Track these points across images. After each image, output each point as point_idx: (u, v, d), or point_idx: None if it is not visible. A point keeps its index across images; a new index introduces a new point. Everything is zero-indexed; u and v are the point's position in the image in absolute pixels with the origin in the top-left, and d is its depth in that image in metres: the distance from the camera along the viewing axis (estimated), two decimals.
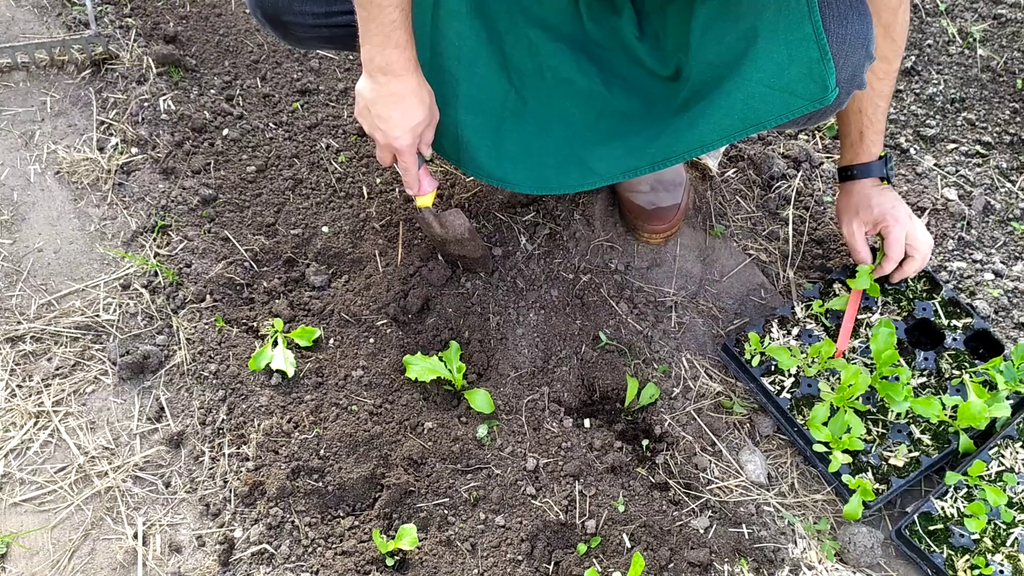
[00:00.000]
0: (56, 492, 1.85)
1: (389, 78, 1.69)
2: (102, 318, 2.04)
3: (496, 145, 1.89)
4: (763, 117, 1.69)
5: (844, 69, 1.64)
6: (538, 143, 1.90)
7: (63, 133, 2.33)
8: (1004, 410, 1.87)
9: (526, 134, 1.90)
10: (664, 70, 1.81)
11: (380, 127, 1.76)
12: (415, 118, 1.75)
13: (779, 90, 1.64)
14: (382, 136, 1.78)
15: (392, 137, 1.76)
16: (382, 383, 1.98)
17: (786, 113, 1.67)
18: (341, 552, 1.77)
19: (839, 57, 1.61)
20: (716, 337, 2.15)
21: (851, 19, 1.61)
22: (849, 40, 1.61)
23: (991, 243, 2.29)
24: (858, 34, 1.62)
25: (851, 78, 1.67)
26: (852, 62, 1.64)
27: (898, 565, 1.85)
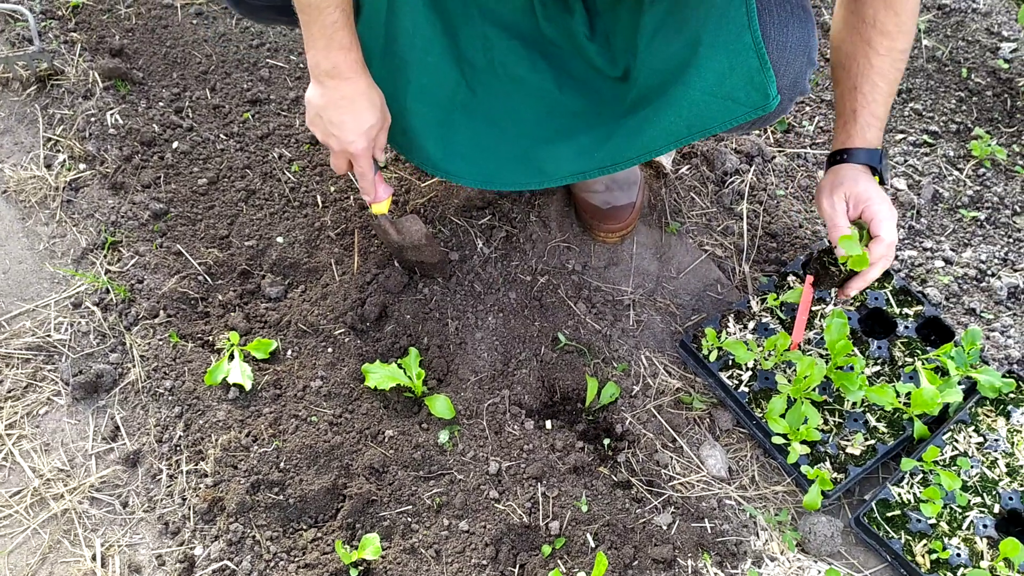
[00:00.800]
0: (11, 516, 1.82)
1: (337, 82, 1.68)
2: (53, 338, 2.01)
3: (444, 137, 1.87)
4: (708, 124, 1.71)
5: (785, 75, 1.64)
6: (487, 138, 1.89)
7: (9, 151, 2.30)
8: (956, 395, 1.90)
9: (475, 129, 1.88)
10: (613, 71, 1.82)
11: (333, 133, 1.73)
12: (367, 121, 1.73)
13: (722, 98, 1.65)
14: (336, 143, 1.75)
15: (346, 142, 1.74)
16: (341, 393, 1.96)
17: (729, 120, 1.69)
18: (304, 565, 1.76)
19: (780, 64, 1.61)
20: (674, 334, 2.16)
21: (791, 26, 1.61)
22: (790, 47, 1.61)
23: (940, 231, 2.33)
24: (799, 41, 1.62)
25: (793, 84, 1.67)
26: (794, 68, 1.65)
27: (858, 552, 1.87)
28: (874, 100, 1.77)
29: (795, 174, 2.43)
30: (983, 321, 2.16)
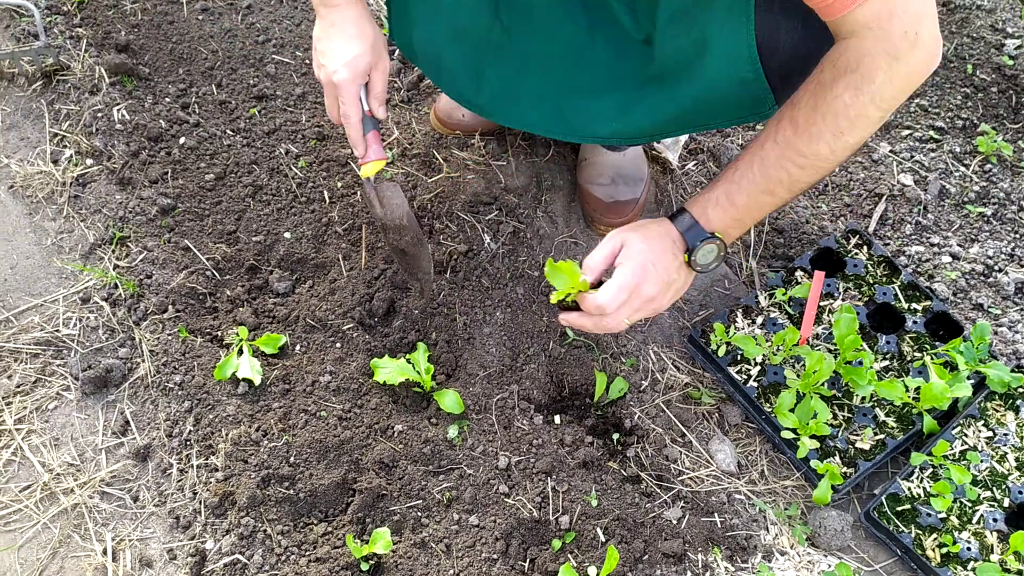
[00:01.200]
0: (22, 511, 1.81)
1: (329, 10, 1.68)
2: (62, 333, 2.01)
3: (477, 75, 1.86)
4: (708, 120, 1.71)
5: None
6: (518, 81, 1.87)
7: (15, 147, 2.29)
8: (965, 390, 1.91)
9: (507, 70, 1.86)
10: (637, 33, 1.79)
11: (322, 63, 1.70)
12: (352, 50, 1.67)
13: (721, 100, 1.64)
14: (324, 74, 1.71)
15: (330, 72, 1.68)
16: (350, 387, 1.96)
17: (728, 120, 1.70)
18: (315, 559, 1.76)
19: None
20: (682, 329, 2.16)
21: None
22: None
23: (947, 226, 2.33)
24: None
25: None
26: None
27: (868, 547, 1.87)
28: (739, 184, 1.56)
29: None
30: (991, 316, 2.16)
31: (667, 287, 1.61)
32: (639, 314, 1.62)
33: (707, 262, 1.61)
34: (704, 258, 1.60)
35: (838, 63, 1.40)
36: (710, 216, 1.59)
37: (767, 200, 1.55)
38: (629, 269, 1.57)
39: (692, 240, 1.59)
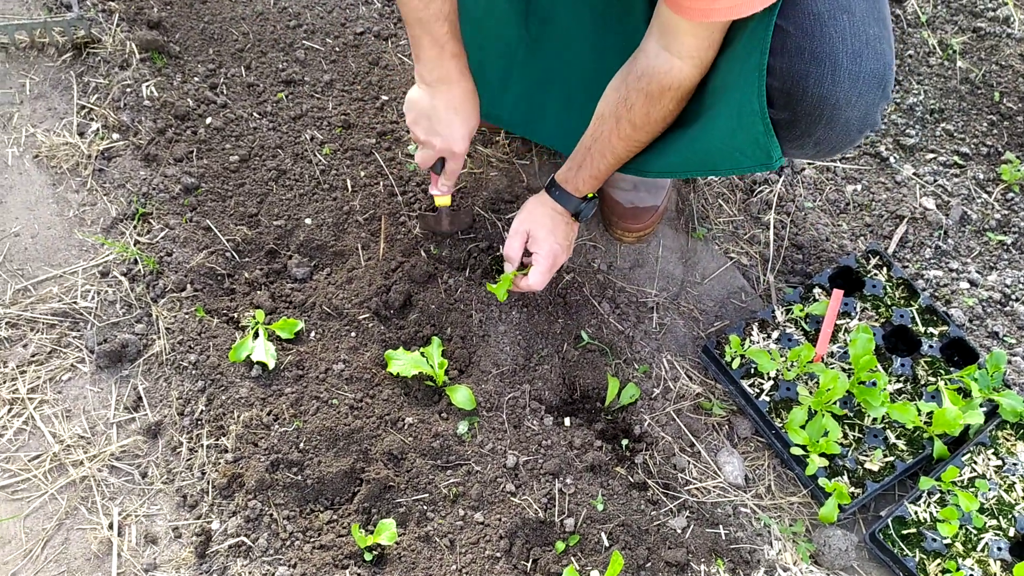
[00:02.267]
0: (30, 480, 1.82)
1: (448, 86, 1.81)
2: (80, 305, 2.01)
3: (500, 86, 1.98)
4: (717, 166, 1.75)
5: (856, 107, 1.54)
6: (541, 95, 1.99)
7: (42, 116, 2.30)
8: (978, 417, 1.90)
9: (530, 81, 1.98)
10: None
11: (440, 132, 1.86)
12: (471, 123, 1.86)
13: (731, 148, 1.66)
14: (441, 142, 1.87)
15: (453, 141, 1.87)
16: (363, 377, 1.97)
17: (736, 168, 1.72)
18: (319, 546, 1.76)
19: (851, 94, 1.51)
20: (697, 339, 2.16)
21: (866, 57, 1.51)
22: (863, 78, 1.51)
23: (967, 253, 2.33)
24: (873, 73, 1.51)
25: (863, 117, 1.57)
26: (865, 101, 1.54)
27: (871, 568, 1.87)
28: (598, 166, 1.87)
29: (824, 187, 2.43)
30: (1005, 345, 2.16)
31: (569, 246, 2.02)
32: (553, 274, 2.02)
33: (589, 215, 2.00)
34: (587, 213, 1.98)
35: (663, 81, 1.64)
36: (581, 189, 1.93)
37: (618, 167, 1.88)
38: (544, 256, 1.96)
39: (575, 208, 1.96)
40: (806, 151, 1.65)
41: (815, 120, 1.55)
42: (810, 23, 1.47)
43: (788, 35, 1.48)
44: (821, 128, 1.57)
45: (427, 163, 1.96)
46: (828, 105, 1.52)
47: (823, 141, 1.61)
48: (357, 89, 2.43)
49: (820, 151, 1.66)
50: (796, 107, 1.54)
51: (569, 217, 1.98)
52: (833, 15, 1.47)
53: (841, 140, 1.61)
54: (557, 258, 1.98)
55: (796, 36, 1.48)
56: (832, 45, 1.48)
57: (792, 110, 1.54)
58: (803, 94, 1.51)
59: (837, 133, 1.59)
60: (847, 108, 1.53)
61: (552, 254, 1.96)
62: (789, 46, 1.49)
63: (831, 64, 1.48)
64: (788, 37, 1.48)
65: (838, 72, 1.49)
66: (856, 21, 1.48)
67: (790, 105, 1.54)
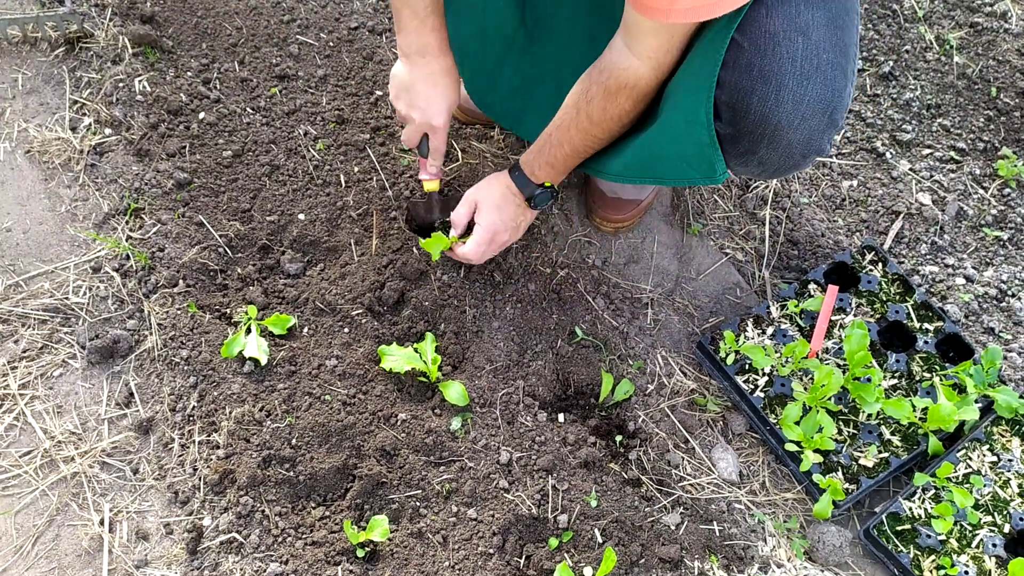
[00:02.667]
0: (20, 477, 1.81)
1: (428, 59, 1.84)
2: (71, 301, 2.01)
3: (492, 75, 2.00)
4: (664, 174, 1.75)
5: (799, 130, 1.52)
6: (530, 89, 2.01)
7: (34, 111, 2.28)
8: (973, 413, 1.90)
9: (522, 73, 2.01)
10: None
11: (419, 106, 1.89)
12: (451, 97, 1.90)
13: (679, 157, 1.67)
14: (420, 115, 1.90)
15: (431, 115, 1.89)
16: (356, 373, 1.96)
17: (683, 179, 1.73)
18: (311, 542, 1.76)
19: (793, 117, 1.49)
20: (691, 335, 2.16)
21: (813, 81, 1.47)
22: (807, 102, 1.48)
23: (963, 248, 2.32)
24: (819, 98, 1.48)
25: (806, 141, 1.54)
26: (809, 125, 1.51)
27: (865, 564, 1.87)
28: (554, 154, 1.87)
29: (819, 183, 2.42)
30: (1001, 341, 2.15)
31: (515, 228, 2.01)
32: (494, 251, 2.02)
33: (543, 203, 1.97)
34: (541, 201, 1.96)
35: (620, 78, 1.64)
36: (537, 175, 1.92)
37: (577, 160, 1.88)
38: (483, 228, 1.96)
39: (529, 193, 1.94)
40: (751, 168, 1.65)
41: (758, 139, 1.54)
42: (764, 41, 1.45)
43: (742, 50, 1.46)
44: (764, 147, 1.55)
45: (412, 140, 1.98)
46: (770, 125, 1.50)
47: (766, 161, 1.60)
48: (351, 84, 2.42)
49: (765, 170, 1.64)
50: (740, 123, 1.52)
51: (522, 200, 1.96)
52: (788, 36, 1.45)
53: (784, 162, 1.59)
54: (497, 235, 1.97)
55: (749, 52, 1.46)
56: (781, 65, 1.46)
57: (736, 126, 1.53)
58: (747, 110, 1.50)
59: (780, 155, 1.57)
60: (789, 130, 1.51)
61: (492, 229, 1.95)
62: (741, 61, 1.47)
63: (776, 84, 1.46)
64: (742, 52, 1.46)
65: (782, 92, 1.47)
66: (811, 45, 1.45)
67: (735, 120, 1.53)
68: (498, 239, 1.98)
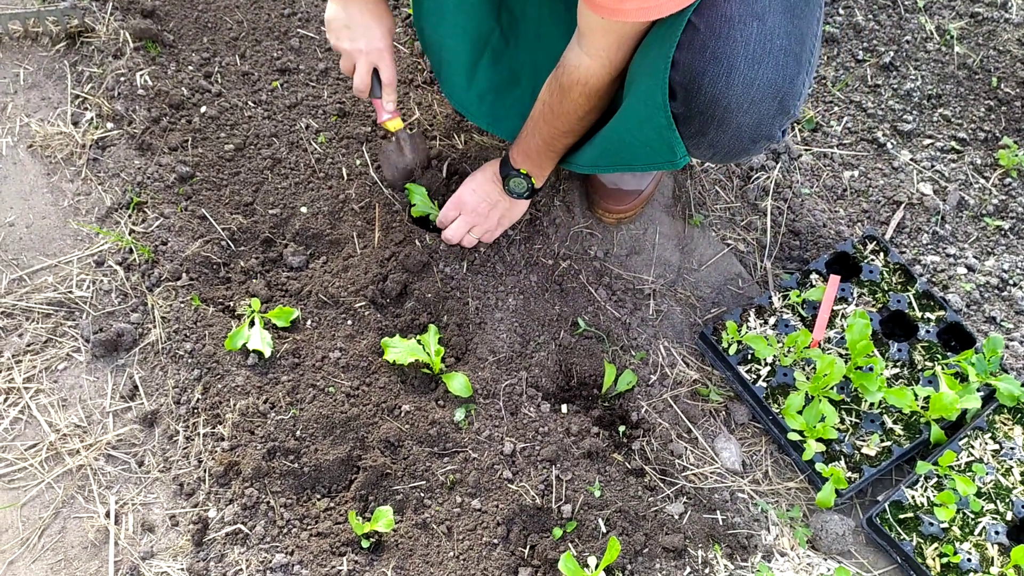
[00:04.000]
0: (26, 469, 1.82)
1: None
2: (75, 294, 2.01)
3: (469, 75, 2.01)
4: (630, 160, 1.78)
5: (748, 113, 1.53)
6: (505, 87, 2.02)
7: (36, 106, 2.29)
8: (975, 401, 1.90)
9: (499, 75, 2.02)
10: None
11: (362, 36, 1.93)
12: (388, 21, 1.95)
13: (640, 143, 1.69)
14: (365, 43, 1.94)
15: (375, 39, 1.94)
16: (359, 365, 1.96)
17: (648, 164, 1.74)
18: (316, 533, 1.76)
19: (743, 100, 1.51)
20: (693, 325, 2.16)
21: (765, 65, 1.48)
22: (757, 86, 1.49)
23: (964, 238, 2.32)
24: (769, 82, 1.49)
25: (755, 125, 1.56)
26: (758, 109, 1.53)
27: (868, 552, 1.87)
28: (527, 142, 1.93)
29: (821, 173, 2.43)
30: (1003, 330, 2.16)
31: (490, 206, 2.06)
32: (475, 228, 2.08)
33: (519, 191, 2.02)
34: (516, 187, 2.01)
35: (572, 75, 1.71)
36: (516, 160, 1.99)
37: (550, 152, 1.93)
38: (456, 193, 2.09)
39: (505, 174, 2.01)
40: (703, 152, 1.66)
41: (708, 120, 1.56)
42: (719, 24, 1.47)
43: (698, 32, 1.48)
44: (714, 129, 1.57)
45: (364, 81, 2.00)
46: (720, 106, 1.52)
47: (717, 143, 1.61)
48: (351, 78, 2.41)
49: (716, 153, 1.66)
50: (692, 103, 1.54)
51: (499, 180, 2.03)
52: (744, 20, 1.46)
53: (734, 145, 1.61)
54: (465, 205, 2.06)
55: (704, 34, 1.48)
56: (734, 47, 1.47)
57: (688, 106, 1.55)
58: (698, 91, 1.51)
59: (729, 137, 1.58)
60: (739, 112, 1.52)
61: (459, 199, 2.08)
62: (696, 43, 1.49)
63: (727, 65, 1.48)
64: (697, 34, 1.48)
65: (733, 74, 1.48)
66: (766, 30, 1.47)
67: (687, 101, 1.54)
68: (466, 209, 2.06)
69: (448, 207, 2.09)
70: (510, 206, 2.08)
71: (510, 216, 2.10)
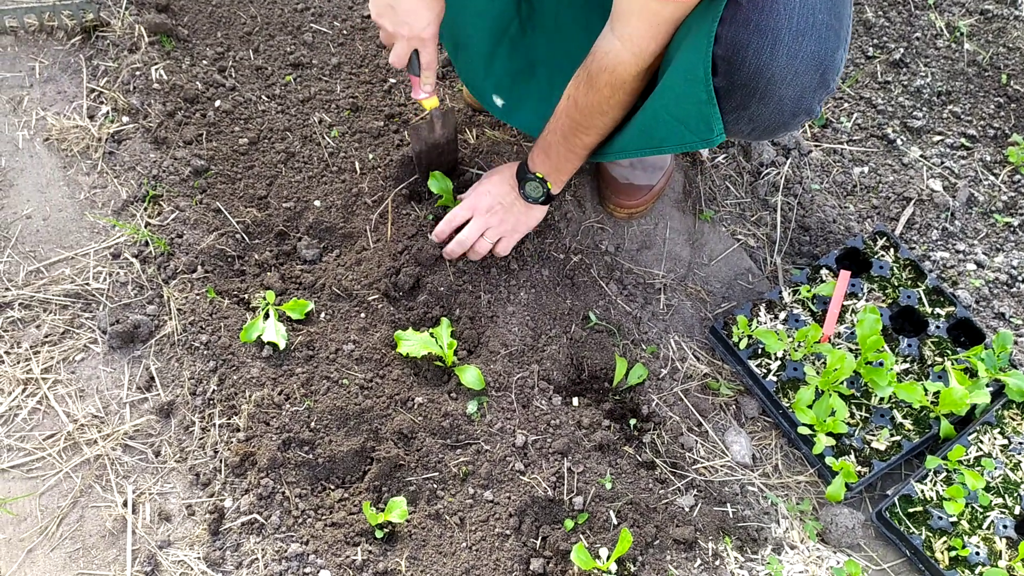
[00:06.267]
0: (45, 459, 1.84)
1: None
2: (92, 286, 2.03)
3: (487, 63, 1.99)
4: (662, 142, 1.76)
5: (791, 86, 1.55)
6: (522, 76, 2.01)
7: (52, 100, 2.31)
8: (984, 397, 1.92)
9: (516, 63, 2.00)
10: None
11: (407, 21, 1.84)
12: (436, 6, 1.84)
13: (676, 120, 1.68)
14: (408, 30, 1.85)
15: (419, 28, 1.85)
16: (373, 357, 1.98)
17: (681, 144, 1.73)
18: (331, 523, 1.78)
19: (787, 73, 1.53)
20: (704, 320, 2.18)
21: (808, 38, 1.51)
22: (801, 58, 1.52)
23: (974, 234, 2.33)
24: (812, 55, 1.52)
25: (797, 98, 1.58)
26: (801, 81, 1.55)
27: (877, 546, 1.89)
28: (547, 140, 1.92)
29: (831, 169, 2.44)
30: (1012, 326, 2.17)
31: (505, 209, 2.04)
32: (491, 230, 2.04)
33: (535, 195, 2.01)
34: (532, 191, 2.00)
35: (601, 62, 1.70)
36: (535, 161, 1.98)
37: (570, 153, 1.91)
38: (469, 194, 2.08)
39: (521, 176, 2.00)
40: (741, 127, 1.66)
41: (750, 92, 1.57)
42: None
43: (739, 7, 1.50)
44: (755, 102, 1.58)
45: (402, 60, 1.93)
46: (764, 78, 1.54)
47: (757, 118, 1.62)
48: (365, 72, 2.43)
49: (755, 128, 1.66)
50: (734, 76, 1.55)
51: (515, 183, 2.02)
52: None
53: (775, 119, 1.62)
54: (478, 207, 2.04)
55: (747, 8, 1.50)
56: (777, 20, 1.50)
57: (730, 78, 1.56)
58: (741, 63, 1.53)
59: (771, 111, 1.60)
60: (782, 85, 1.54)
61: (474, 200, 2.06)
62: (738, 16, 1.51)
63: (772, 37, 1.50)
64: (739, 8, 1.51)
65: (778, 47, 1.51)
66: (808, 4, 1.50)
67: (729, 74, 1.55)
68: (480, 206, 2.03)
69: (461, 208, 2.06)
70: (526, 211, 2.05)
71: (526, 222, 2.07)
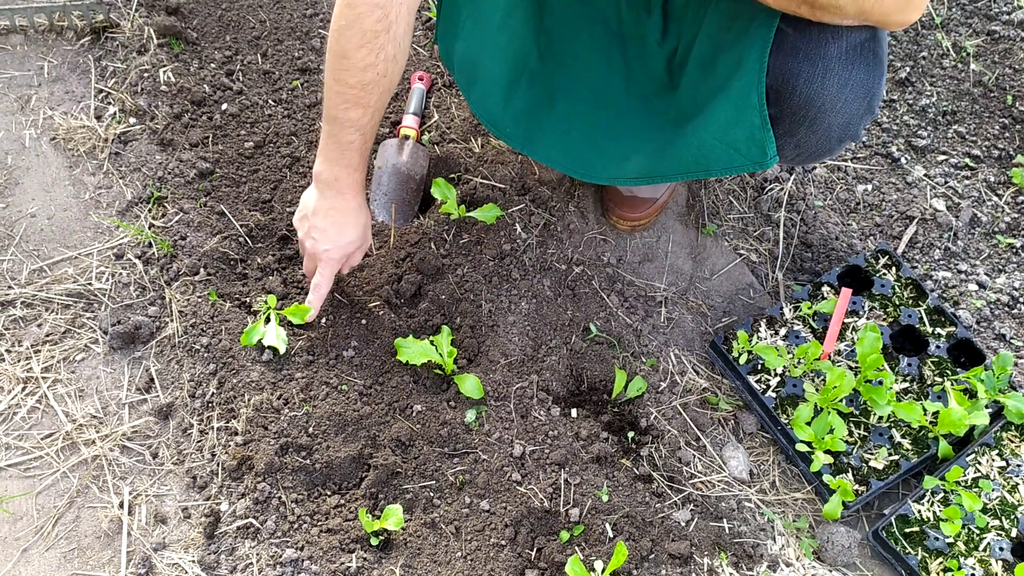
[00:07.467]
0: (42, 458, 1.84)
1: (334, 193, 1.83)
2: (94, 286, 2.04)
3: (505, 97, 1.95)
4: (711, 166, 1.75)
5: (841, 113, 1.59)
6: (541, 110, 1.96)
7: (60, 99, 2.32)
8: (983, 418, 1.91)
9: (535, 98, 1.96)
10: (672, 82, 1.84)
11: (314, 236, 1.87)
12: (348, 237, 1.88)
13: (726, 145, 1.68)
14: (312, 246, 1.88)
15: (321, 250, 1.87)
16: (373, 364, 1.98)
17: (730, 168, 1.72)
18: (326, 529, 1.78)
19: (837, 100, 1.57)
20: (704, 334, 2.18)
21: (858, 66, 1.56)
22: (851, 85, 1.56)
23: (976, 255, 2.33)
24: (862, 83, 1.57)
25: (845, 124, 1.62)
26: (850, 108, 1.60)
27: (873, 565, 1.89)
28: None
29: (835, 186, 2.44)
30: (1013, 347, 2.17)
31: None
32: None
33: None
34: None
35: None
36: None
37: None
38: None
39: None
40: (787, 153, 1.68)
41: (799, 120, 1.58)
42: (808, 27, 1.51)
43: (787, 36, 1.52)
44: (803, 129, 1.60)
45: (310, 271, 1.96)
46: (814, 106, 1.55)
47: (803, 144, 1.64)
48: None
49: (800, 154, 1.68)
50: (784, 104, 1.57)
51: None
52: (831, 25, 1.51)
53: (821, 146, 1.64)
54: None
55: (794, 37, 1.52)
56: (827, 49, 1.52)
57: (780, 106, 1.58)
58: (792, 91, 1.54)
59: (818, 138, 1.61)
60: (831, 112, 1.57)
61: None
62: (786, 45, 1.53)
63: (823, 66, 1.52)
64: (786, 37, 1.53)
65: (829, 75, 1.53)
66: (853, 33, 1.52)
67: (779, 102, 1.57)
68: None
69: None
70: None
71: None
